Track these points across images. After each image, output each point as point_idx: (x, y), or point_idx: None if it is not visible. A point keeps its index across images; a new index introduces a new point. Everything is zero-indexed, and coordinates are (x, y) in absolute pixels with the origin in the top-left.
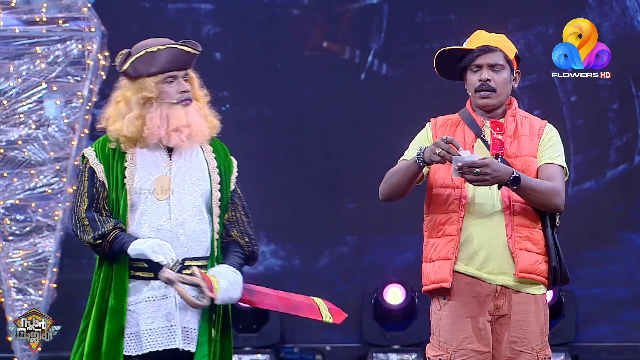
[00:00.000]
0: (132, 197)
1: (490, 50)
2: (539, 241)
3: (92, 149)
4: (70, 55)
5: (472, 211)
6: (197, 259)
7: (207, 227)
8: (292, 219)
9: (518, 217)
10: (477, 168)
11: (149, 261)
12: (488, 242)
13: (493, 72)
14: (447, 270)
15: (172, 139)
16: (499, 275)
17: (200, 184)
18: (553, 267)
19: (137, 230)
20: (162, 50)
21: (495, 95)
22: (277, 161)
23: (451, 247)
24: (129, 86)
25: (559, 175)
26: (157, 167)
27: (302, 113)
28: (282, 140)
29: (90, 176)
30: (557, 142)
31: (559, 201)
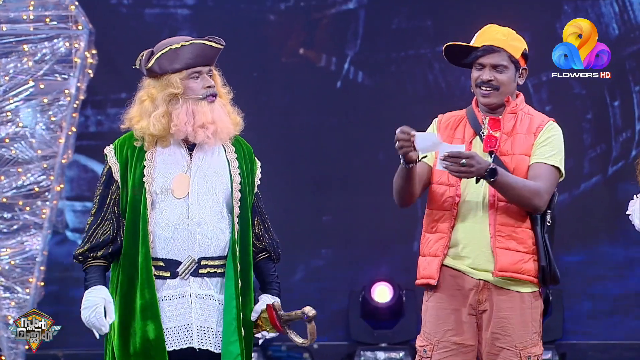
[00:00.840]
0: (151, 196)
1: (493, 51)
2: (526, 240)
3: (112, 147)
4: (58, 53)
5: (463, 210)
6: (213, 259)
7: (227, 227)
8: (279, 221)
9: (501, 215)
10: (463, 159)
11: (165, 259)
12: (472, 241)
13: (496, 72)
14: (434, 267)
15: (199, 136)
16: (482, 272)
17: (221, 184)
18: (542, 267)
19: (155, 229)
20: (186, 46)
21: (497, 93)
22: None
23: (441, 244)
24: (153, 84)
25: (546, 176)
26: (176, 166)
27: (278, 122)
28: (257, 150)
29: (107, 176)
30: (555, 141)
31: (537, 202)
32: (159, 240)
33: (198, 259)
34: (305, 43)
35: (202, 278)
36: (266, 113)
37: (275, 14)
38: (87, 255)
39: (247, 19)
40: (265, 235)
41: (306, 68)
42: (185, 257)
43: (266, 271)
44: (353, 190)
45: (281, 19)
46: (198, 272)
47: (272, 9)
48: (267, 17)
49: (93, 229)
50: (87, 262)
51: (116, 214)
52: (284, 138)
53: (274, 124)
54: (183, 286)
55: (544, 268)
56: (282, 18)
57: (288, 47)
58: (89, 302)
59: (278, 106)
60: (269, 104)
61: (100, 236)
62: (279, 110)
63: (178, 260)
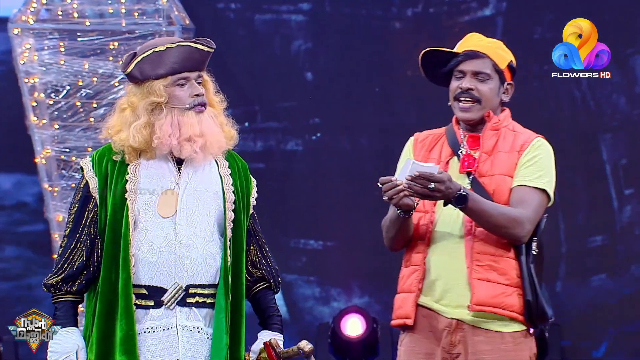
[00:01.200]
0: (134, 214)
1: (476, 57)
2: (508, 271)
3: (89, 159)
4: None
5: (437, 237)
6: (203, 287)
7: (218, 250)
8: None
9: (480, 243)
10: (432, 182)
11: (148, 287)
12: (446, 272)
13: (477, 81)
14: (409, 305)
15: (184, 150)
16: (457, 308)
17: (212, 202)
18: (527, 301)
19: (137, 252)
20: (172, 48)
21: (477, 107)
22: (376, 198)
23: (415, 278)
24: (135, 91)
25: (530, 201)
26: (163, 181)
27: (403, 144)
28: (379, 175)
29: (84, 192)
30: (542, 160)
31: (518, 232)
32: (142, 265)
33: (186, 287)
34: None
35: (189, 308)
36: (390, 133)
37: (401, 21)
38: (59, 287)
39: (370, 27)
40: (263, 262)
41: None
42: (171, 284)
43: (265, 303)
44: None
45: (408, 26)
46: (185, 301)
47: (398, 16)
48: (392, 24)
49: (67, 253)
50: (59, 295)
51: (92, 236)
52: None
53: (399, 146)
54: (168, 317)
55: (529, 303)
56: (409, 26)
57: (415, 58)
58: (59, 347)
59: (404, 124)
60: (393, 123)
61: (74, 262)
62: (404, 130)
63: (163, 287)
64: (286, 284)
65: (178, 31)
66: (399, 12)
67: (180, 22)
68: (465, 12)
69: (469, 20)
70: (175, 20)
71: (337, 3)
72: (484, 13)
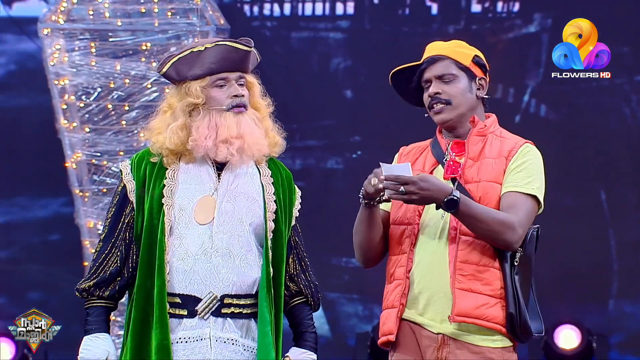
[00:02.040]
0: (170, 220)
1: (435, 61)
2: (492, 281)
3: (129, 163)
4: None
5: (420, 248)
6: (239, 297)
7: (256, 261)
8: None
9: (464, 251)
10: (401, 185)
11: (182, 295)
12: (429, 284)
13: (443, 84)
14: (392, 320)
15: (220, 152)
16: (443, 322)
17: (252, 211)
18: (509, 314)
19: (172, 259)
20: (210, 48)
21: (450, 108)
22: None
23: (398, 293)
24: (173, 92)
25: (521, 206)
26: (201, 187)
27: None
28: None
29: (121, 196)
30: (531, 166)
31: (510, 237)
32: (177, 273)
33: (221, 297)
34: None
35: (224, 319)
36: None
37: (442, 38)
38: (92, 292)
39: (410, 44)
40: (301, 276)
41: None
42: (205, 293)
43: (301, 318)
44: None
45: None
46: (220, 311)
47: (439, 32)
48: (433, 41)
49: (102, 258)
50: (91, 301)
51: (127, 241)
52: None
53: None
54: (202, 327)
55: (512, 316)
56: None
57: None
58: (89, 353)
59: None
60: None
61: (108, 268)
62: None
63: (197, 296)
64: (328, 302)
65: (212, 31)
66: (440, 29)
67: (215, 22)
68: (509, 29)
69: (512, 38)
70: (210, 20)
71: (377, 20)
72: (529, 30)
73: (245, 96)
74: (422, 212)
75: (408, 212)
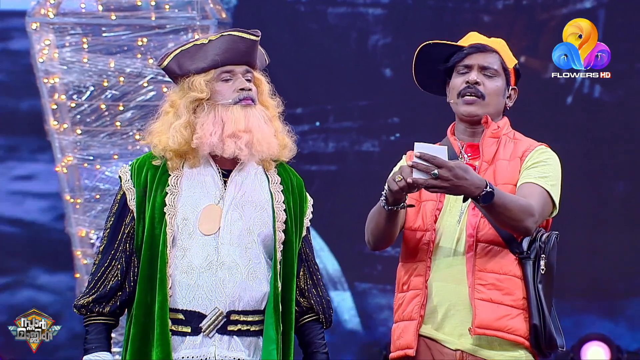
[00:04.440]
0: (173, 230)
1: (484, 50)
2: (514, 291)
3: (128, 168)
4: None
5: (438, 257)
6: (246, 313)
7: (264, 274)
8: None
9: (483, 260)
10: (435, 167)
11: (185, 311)
12: (447, 296)
13: (484, 77)
14: (411, 333)
15: (227, 148)
16: (461, 337)
17: (260, 221)
18: (534, 326)
19: (175, 272)
20: (214, 40)
21: (482, 103)
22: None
23: (416, 304)
24: (175, 90)
25: (537, 195)
26: (206, 194)
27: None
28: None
29: (121, 204)
30: (546, 165)
31: (530, 223)
32: (179, 287)
33: (227, 313)
34: (528, 49)
35: (230, 337)
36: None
37: (490, 14)
38: (91, 308)
39: (456, 21)
40: (312, 291)
41: (529, 80)
42: (210, 309)
43: (311, 337)
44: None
45: (498, 20)
46: (226, 329)
47: (487, 8)
48: (481, 17)
49: (101, 272)
50: (91, 317)
51: (127, 253)
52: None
53: None
54: (207, 346)
55: (536, 328)
56: (500, 19)
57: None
58: None
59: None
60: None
61: (108, 282)
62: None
63: (202, 312)
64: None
65: (213, 25)
66: (488, 4)
67: (216, 16)
68: (562, 4)
69: (566, 13)
70: (211, 14)
71: None
72: (584, 5)
73: (253, 91)
74: (437, 217)
75: (425, 217)
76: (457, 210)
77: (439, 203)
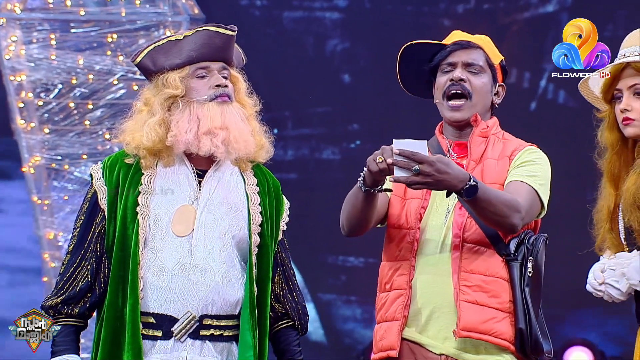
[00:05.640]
0: (145, 230)
1: (468, 47)
2: (500, 293)
3: (100, 166)
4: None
5: (422, 256)
6: (219, 317)
7: (239, 278)
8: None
9: (468, 260)
10: (416, 163)
11: (156, 315)
12: (432, 297)
13: (469, 74)
14: (394, 334)
15: (203, 145)
16: (445, 341)
17: (235, 223)
18: (519, 330)
19: (146, 274)
20: (189, 36)
21: (469, 105)
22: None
23: (400, 304)
24: (149, 87)
25: (524, 193)
26: (180, 195)
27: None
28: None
29: (91, 203)
30: (535, 164)
31: (516, 220)
32: (151, 290)
33: (199, 317)
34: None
35: (203, 341)
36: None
37: (451, 19)
38: (59, 309)
39: (415, 25)
40: (287, 296)
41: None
42: (183, 313)
43: (287, 344)
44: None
45: (459, 24)
46: (199, 333)
47: (447, 13)
48: (441, 22)
49: (70, 272)
50: (59, 319)
51: (98, 253)
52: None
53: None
54: (178, 350)
55: (522, 332)
56: (460, 24)
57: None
58: None
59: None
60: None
61: (77, 283)
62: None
63: (173, 316)
64: (323, 304)
65: (185, 21)
66: (448, 9)
67: (189, 11)
68: (524, 8)
69: (528, 18)
70: (183, 9)
71: None
72: (546, 9)
73: (230, 88)
74: (423, 215)
75: (410, 215)
76: (443, 209)
77: (424, 201)
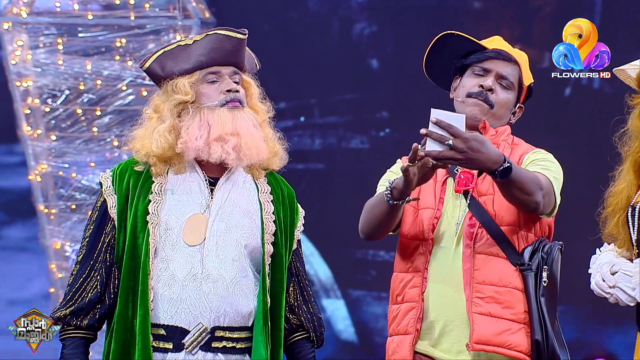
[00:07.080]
0: (155, 240)
1: (508, 59)
2: (514, 304)
3: (110, 174)
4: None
5: (434, 267)
6: (232, 329)
7: (252, 289)
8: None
9: (481, 271)
10: (450, 137)
11: (167, 327)
12: (444, 310)
13: (499, 86)
14: (406, 349)
15: (214, 152)
16: (459, 354)
17: (248, 232)
18: (535, 341)
19: (156, 285)
20: (199, 41)
21: (489, 112)
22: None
23: (412, 317)
24: (158, 94)
25: (543, 178)
26: (191, 203)
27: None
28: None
29: (101, 212)
30: (547, 161)
31: (539, 197)
32: (161, 301)
33: (211, 329)
34: (521, 38)
35: (215, 354)
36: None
37: (481, 2)
38: (68, 321)
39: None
40: (303, 307)
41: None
42: (194, 324)
43: (302, 357)
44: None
45: (489, 6)
46: (210, 345)
47: None
48: (471, 5)
49: (79, 283)
50: (67, 331)
51: (108, 263)
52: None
53: None
54: None
55: (538, 343)
56: (490, 6)
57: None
58: None
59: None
60: None
61: (87, 294)
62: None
63: (185, 328)
64: (354, 301)
65: (196, 25)
66: None
67: (199, 15)
68: None
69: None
70: (193, 13)
71: None
72: None
73: (241, 93)
74: (435, 225)
75: (422, 225)
76: (454, 220)
77: (437, 211)
